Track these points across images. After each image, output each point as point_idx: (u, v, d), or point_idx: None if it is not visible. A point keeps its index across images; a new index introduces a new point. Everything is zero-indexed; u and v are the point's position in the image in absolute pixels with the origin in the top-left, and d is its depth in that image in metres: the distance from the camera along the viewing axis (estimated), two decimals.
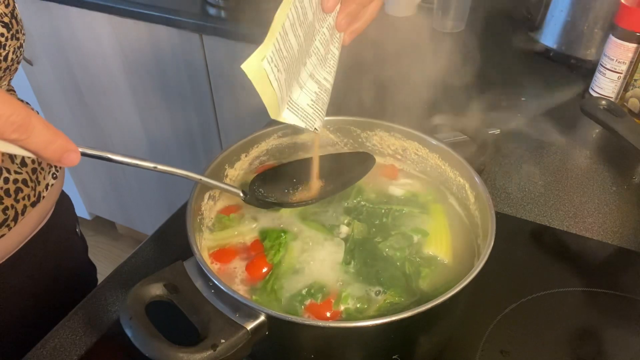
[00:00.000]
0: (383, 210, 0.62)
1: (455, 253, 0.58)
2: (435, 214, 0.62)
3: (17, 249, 0.69)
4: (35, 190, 0.68)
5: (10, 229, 0.64)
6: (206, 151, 1.61)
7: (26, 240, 0.70)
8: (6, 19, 0.59)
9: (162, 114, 1.57)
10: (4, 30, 0.58)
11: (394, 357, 0.49)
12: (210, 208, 0.61)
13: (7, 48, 0.59)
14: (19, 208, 0.65)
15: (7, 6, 0.60)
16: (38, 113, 0.36)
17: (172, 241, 0.71)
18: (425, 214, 0.62)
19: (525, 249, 0.70)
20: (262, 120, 0.82)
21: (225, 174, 0.63)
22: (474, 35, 1.28)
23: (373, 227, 0.60)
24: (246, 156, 0.65)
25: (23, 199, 0.65)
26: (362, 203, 0.63)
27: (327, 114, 0.67)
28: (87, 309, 0.63)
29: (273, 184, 0.61)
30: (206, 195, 0.60)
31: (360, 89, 0.93)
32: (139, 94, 1.56)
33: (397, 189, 0.66)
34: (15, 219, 0.64)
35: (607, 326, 0.61)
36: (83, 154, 0.39)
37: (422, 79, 1.11)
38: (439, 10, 1.27)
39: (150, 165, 0.46)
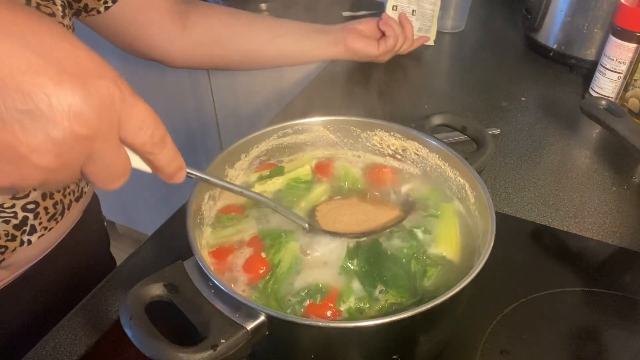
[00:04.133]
0: None
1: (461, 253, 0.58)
2: (446, 213, 0.61)
3: (58, 241, 0.72)
4: (78, 185, 0.72)
5: (57, 222, 0.67)
6: (206, 151, 1.61)
7: (66, 233, 0.73)
8: None
9: (161, 114, 1.57)
10: None
11: (394, 357, 0.49)
12: (210, 208, 0.61)
13: None
14: (66, 203, 0.68)
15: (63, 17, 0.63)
16: None
17: (172, 241, 0.71)
18: (433, 216, 0.61)
19: (525, 249, 0.70)
20: (262, 120, 0.82)
21: (226, 174, 0.63)
22: (474, 35, 1.29)
23: None
24: (246, 156, 0.65)
25: (69, 194, 0.69)
26: None
27: (327, 114, 0.68)
28: (87, 309, 0.63)
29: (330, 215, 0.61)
30: (206, 195, 0.60)
31: (360, 89, 0.93)
32: (138, 94, 1.55)
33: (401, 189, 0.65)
34: (62, 213, 0.68)
35: (607, 326, 0.61)
36: (187, 175, 0.40)
37: (422, 79, 1.11)
38: (439, 10, 1.27)
39: (255, 195, 0.52)
